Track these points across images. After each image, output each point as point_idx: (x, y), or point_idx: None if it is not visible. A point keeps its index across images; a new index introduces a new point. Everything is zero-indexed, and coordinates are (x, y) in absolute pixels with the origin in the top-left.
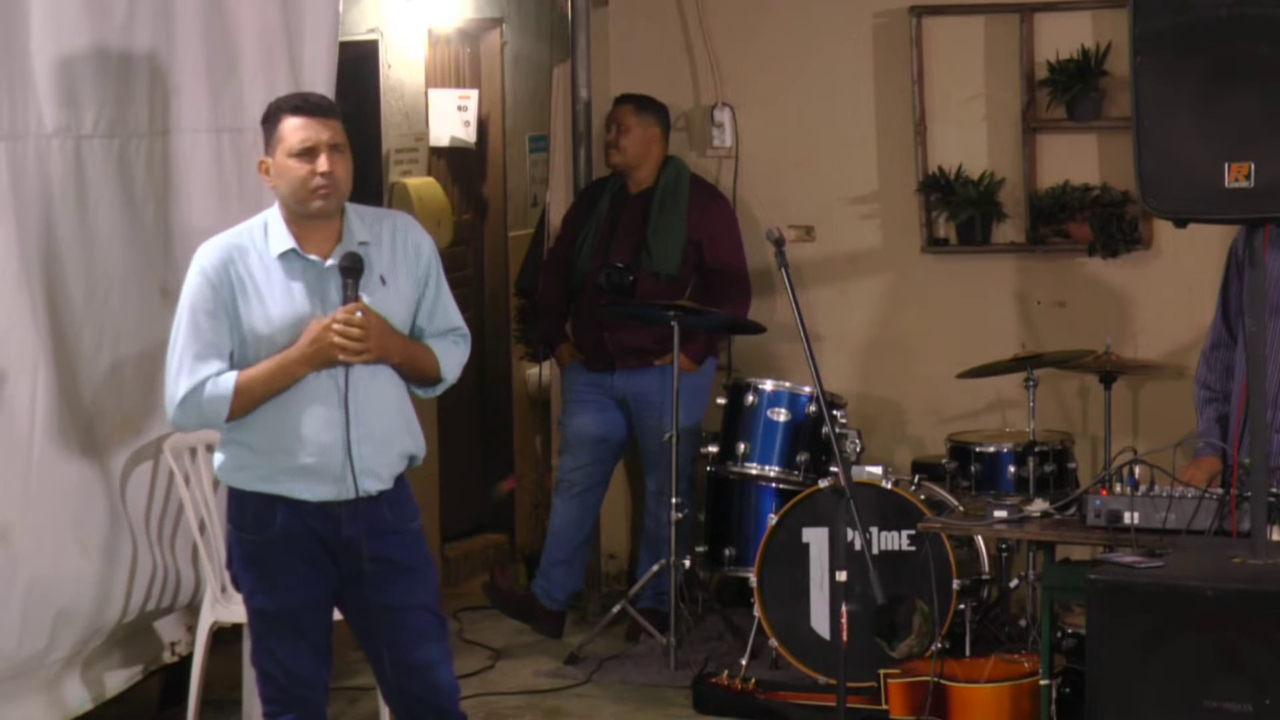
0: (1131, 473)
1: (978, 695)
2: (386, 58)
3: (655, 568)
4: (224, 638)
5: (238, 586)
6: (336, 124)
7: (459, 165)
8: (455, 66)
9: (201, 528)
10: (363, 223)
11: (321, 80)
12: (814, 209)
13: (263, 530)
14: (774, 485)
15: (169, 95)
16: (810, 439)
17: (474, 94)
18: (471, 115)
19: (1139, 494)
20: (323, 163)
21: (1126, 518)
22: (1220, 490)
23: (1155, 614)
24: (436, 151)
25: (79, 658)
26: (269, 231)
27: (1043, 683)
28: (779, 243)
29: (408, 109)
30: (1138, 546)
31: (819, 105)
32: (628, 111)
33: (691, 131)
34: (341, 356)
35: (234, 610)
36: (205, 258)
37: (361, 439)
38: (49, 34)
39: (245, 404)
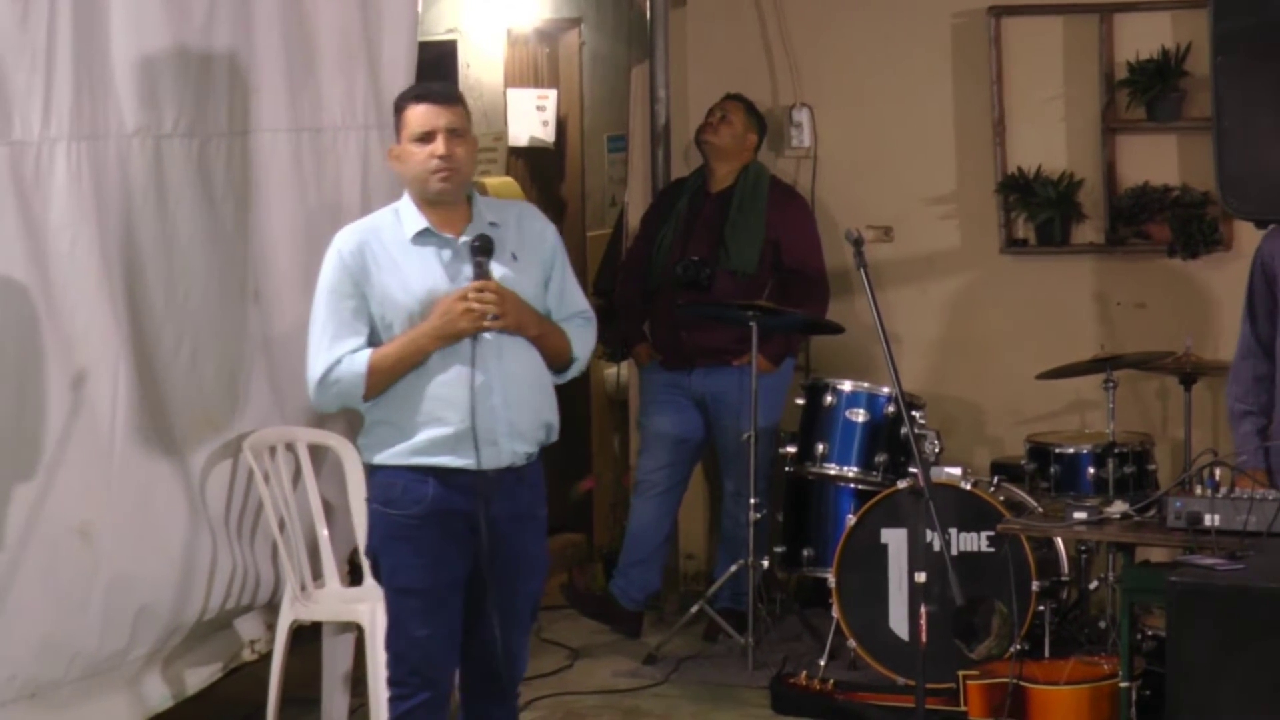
0: (1212, 474)
1: (1057, 697)
2: (465, 57)
3: (733, 568)
4: (303, 636)
5: (375, 570)
6: (458, 110)
7: (537, 165)
8: (534, 66)
9: (281, 526)
10: (490, 208)
11: (400, 80)
12: (892, 209)
13: (414, 505)
14: (852, 486)
15: (248, 95)
16: (889, 439)
17: (552, 94)
18: (550, 115)
19: (1219, 496)
20: (439, 146)
21: (1207, 520)
22: None
23: (1235, 617)
24: (515, 151)
25: (159, 655)
26: (401, 216)
27: (1122, 685)
28: (857, 243)
29: (486, 108)
30: (1218, 549)
31: (897, 105)
32: (738, 109)
33: (770, 131)
34: (472, 324)
35: (314, 609)
36: (341, 241)
37: (508, 403)
38: (129, 35)
39: (379, 380)
